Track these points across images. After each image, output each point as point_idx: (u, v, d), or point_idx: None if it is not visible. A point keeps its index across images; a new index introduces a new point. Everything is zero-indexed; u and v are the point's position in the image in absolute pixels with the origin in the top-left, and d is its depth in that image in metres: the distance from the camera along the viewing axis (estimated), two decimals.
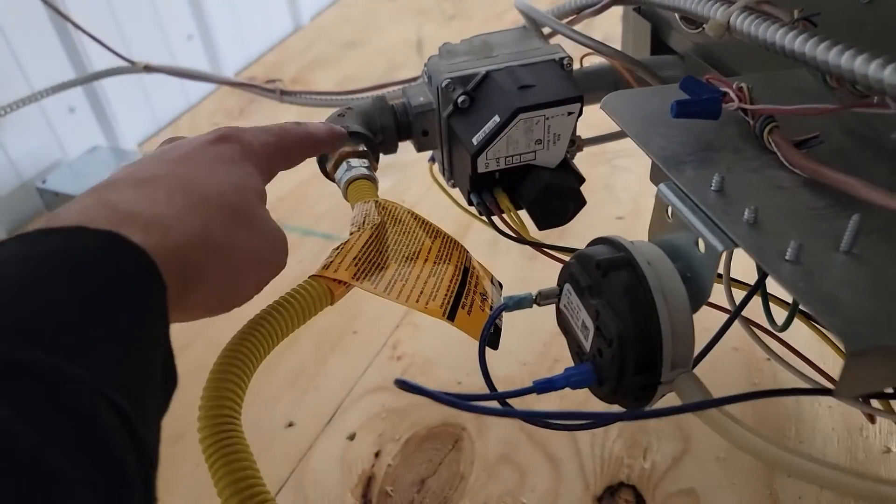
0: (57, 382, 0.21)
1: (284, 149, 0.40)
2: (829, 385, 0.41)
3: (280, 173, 0.41)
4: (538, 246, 0.50)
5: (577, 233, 0.63)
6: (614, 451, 0.68)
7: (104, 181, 0.32)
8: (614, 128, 0.65)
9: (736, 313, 0.37)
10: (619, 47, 0.71)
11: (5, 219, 1.11)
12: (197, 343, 0.71)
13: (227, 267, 0.33)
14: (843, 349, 0.26)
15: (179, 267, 0.29)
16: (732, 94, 0.37)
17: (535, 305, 0.37)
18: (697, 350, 0.35)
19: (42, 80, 1.09)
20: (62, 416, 0.21)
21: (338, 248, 0.42)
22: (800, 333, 0.41)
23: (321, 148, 0.45)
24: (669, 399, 0.34)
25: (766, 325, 0.44)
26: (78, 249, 0.26)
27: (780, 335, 0.42)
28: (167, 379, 0.28)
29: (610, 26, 0.87)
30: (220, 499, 0.30)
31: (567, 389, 0.34)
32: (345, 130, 0.48)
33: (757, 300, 0.37)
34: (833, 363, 0.44)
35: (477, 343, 0.38)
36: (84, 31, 1.03)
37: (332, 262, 0.41)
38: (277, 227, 0.37)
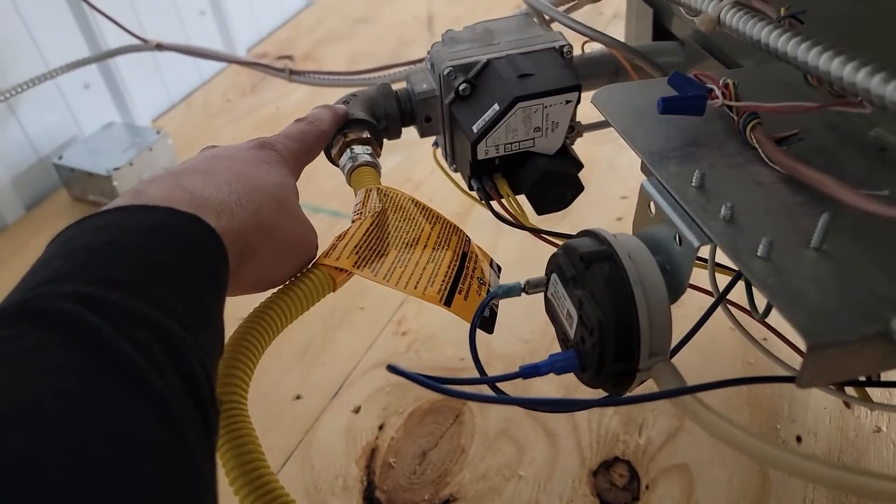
0: (172, 343, 0.26)
1: (307, 150, 0.48)
2: None
3: None
4: (535, 232, 0.51)
5: (581, 213, 0.64)
6: (611, 427, 0.70)
7: (171, 170, 0.37)
8: None
9: (718, 300, 0.38)
10: (624, 29, 0.72)
11: (24, 194, 1.14)
12: None
13: (274, 247, 0.38)
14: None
15: (239, 246, 0.35)
16: (718, 91, 0.38)
17: (523, 294, 0.38)
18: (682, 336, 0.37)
19: (57, 58, 1.10)
20: (177, 368, 0.26)
21: (339, 237, 0.44)
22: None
23: (331, 137, 0.53)
24: (650, 385, 0.36)
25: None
26: (172, 227, 0.31)
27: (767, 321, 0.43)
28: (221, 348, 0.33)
29: (620, 3, 0.87)
30: (228, 479, 0.32)
31: None
32: (345, 108, 0.54)
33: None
34: None
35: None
36: (98, 10, 1.05)
37: (333, 250, 0.43)
38: (309, 222, 0.43)
